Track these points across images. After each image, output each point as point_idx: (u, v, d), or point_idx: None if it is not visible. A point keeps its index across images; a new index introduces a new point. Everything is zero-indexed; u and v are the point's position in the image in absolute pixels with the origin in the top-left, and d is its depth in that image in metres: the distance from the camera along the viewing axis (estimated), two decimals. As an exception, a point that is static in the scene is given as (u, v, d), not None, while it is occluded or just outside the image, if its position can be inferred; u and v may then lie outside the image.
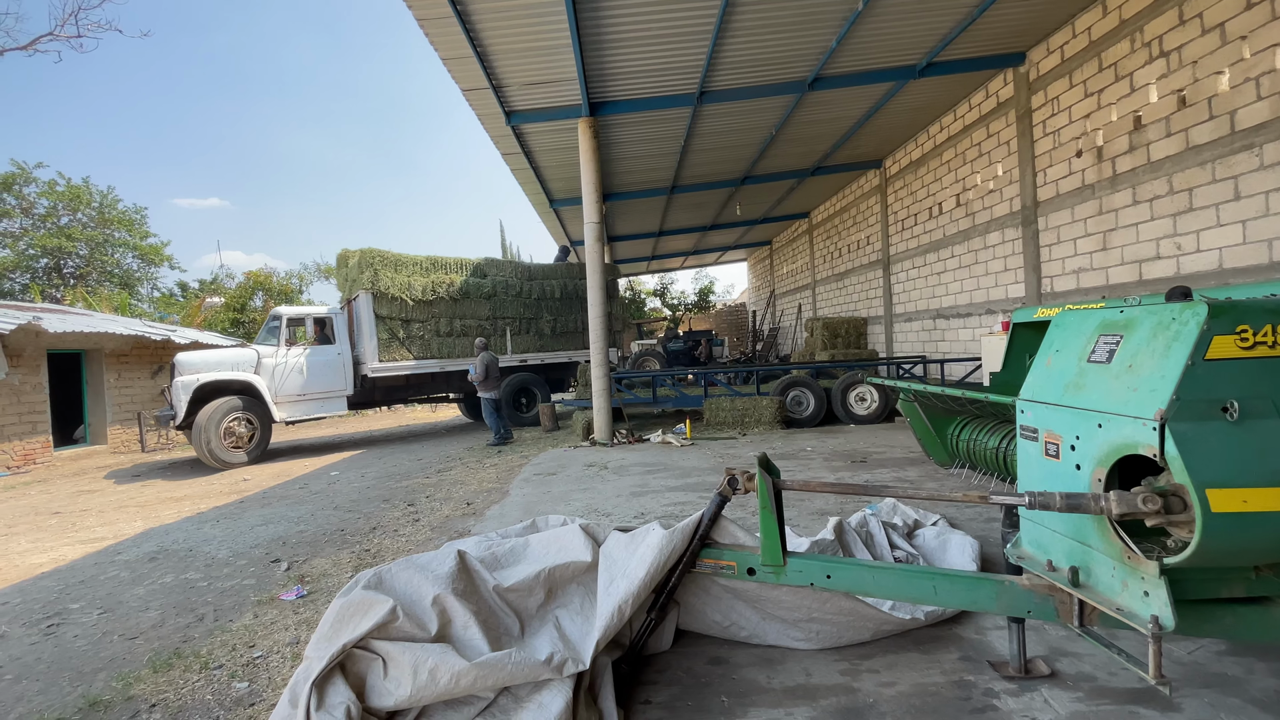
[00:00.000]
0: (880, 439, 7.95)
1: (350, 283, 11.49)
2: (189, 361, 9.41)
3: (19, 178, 22.62)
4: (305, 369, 10.15)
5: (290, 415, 10.06)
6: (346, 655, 1.77)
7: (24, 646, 3.35)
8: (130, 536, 5.59)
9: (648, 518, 4.78)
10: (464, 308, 11.84)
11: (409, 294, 11.01)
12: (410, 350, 11.12)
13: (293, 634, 3.26)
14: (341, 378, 10.59)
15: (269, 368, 9.85)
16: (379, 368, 10.81)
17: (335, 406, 10.63)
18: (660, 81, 8.24)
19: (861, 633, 2.55)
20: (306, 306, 10.84)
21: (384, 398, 11.79)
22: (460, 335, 11.74)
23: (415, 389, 12.05)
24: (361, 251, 10.94)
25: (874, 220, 13.39)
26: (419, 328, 11.28)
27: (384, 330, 10.85)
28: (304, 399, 10.18)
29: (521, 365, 12.51)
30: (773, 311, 21.61)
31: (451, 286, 11.61)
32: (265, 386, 9.68)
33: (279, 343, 10.06)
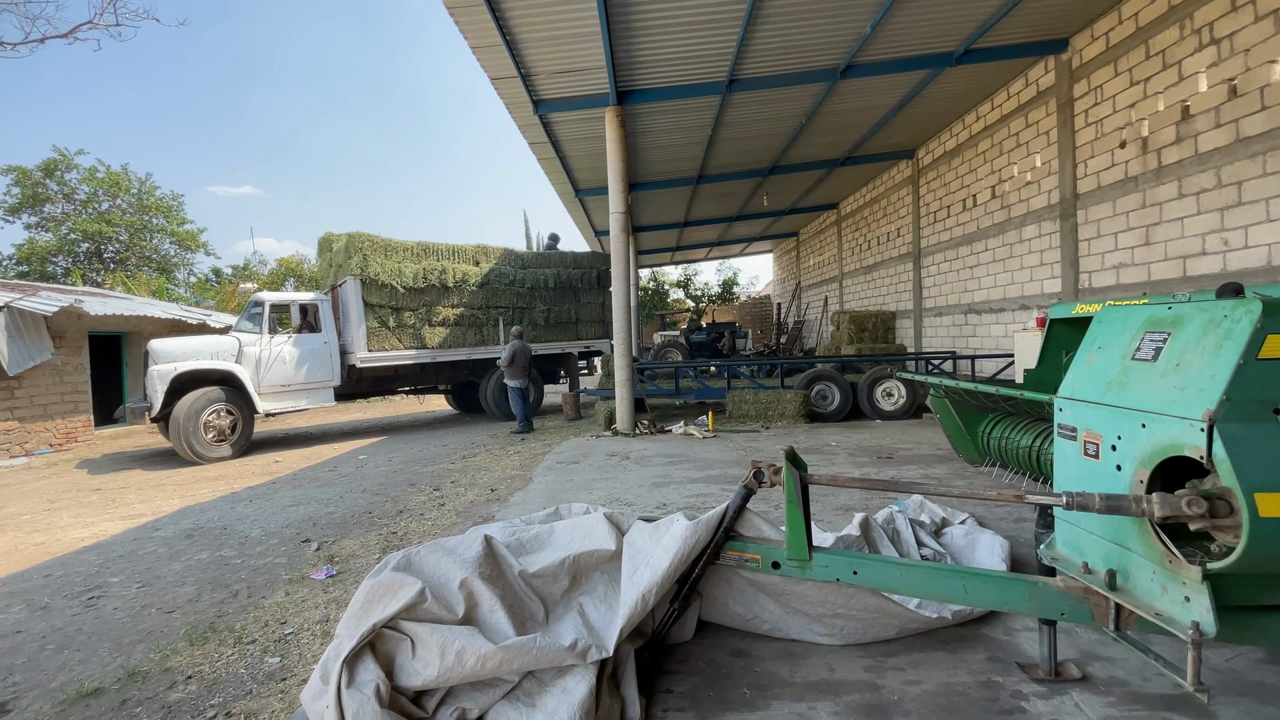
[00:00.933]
0: (907, 435, 7.84)
1: (335, 268, 10.99)
2: (164, 349, 8.76)
3: (61, 164, 23.38)
4: (290, 358, 9.53)
5: (274, 407, 9.45)
6: (376, 635, 1.80)
7: (65, 618, 3.48)
8: (168, 514, 5.78)
9: (670, 508, 4.78)
10: (456, 296, 11.33)
11: (399, 281, 10.48)
12: (401, 340, 10.62)
13: (322, 612, 3.34)
14: (328, 368, 9.99)
15: (251, 356, 9.20)
16: (368, 358, 10.30)
17: (322, 398, 10.01)
18: (689, 69, 8.15)
19: (887, 630, 2.52)
20: (291, 292, 10.49)
21: (371, 389, 11.28)
22: (454, 325, 11.32)
23: (403, 380, 11.59)
24: (349, 235, 10.40)
25: (905, 212, 13.12)
26: (410, 316, 10.77)
27: (373, 318, 10.34)
28: (289, 390, 9.57)
29: None
30: (798, 304, 21.38)
31: (443, 274, 11.09)
32: (248, 376, 9.05)
33: (261, 330, 9.40)
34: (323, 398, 10.02)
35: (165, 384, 8.37)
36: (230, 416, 8.83)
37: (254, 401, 9.04)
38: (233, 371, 8.94)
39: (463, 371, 12.01)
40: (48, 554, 4.73)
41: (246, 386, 8.96)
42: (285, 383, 9.48)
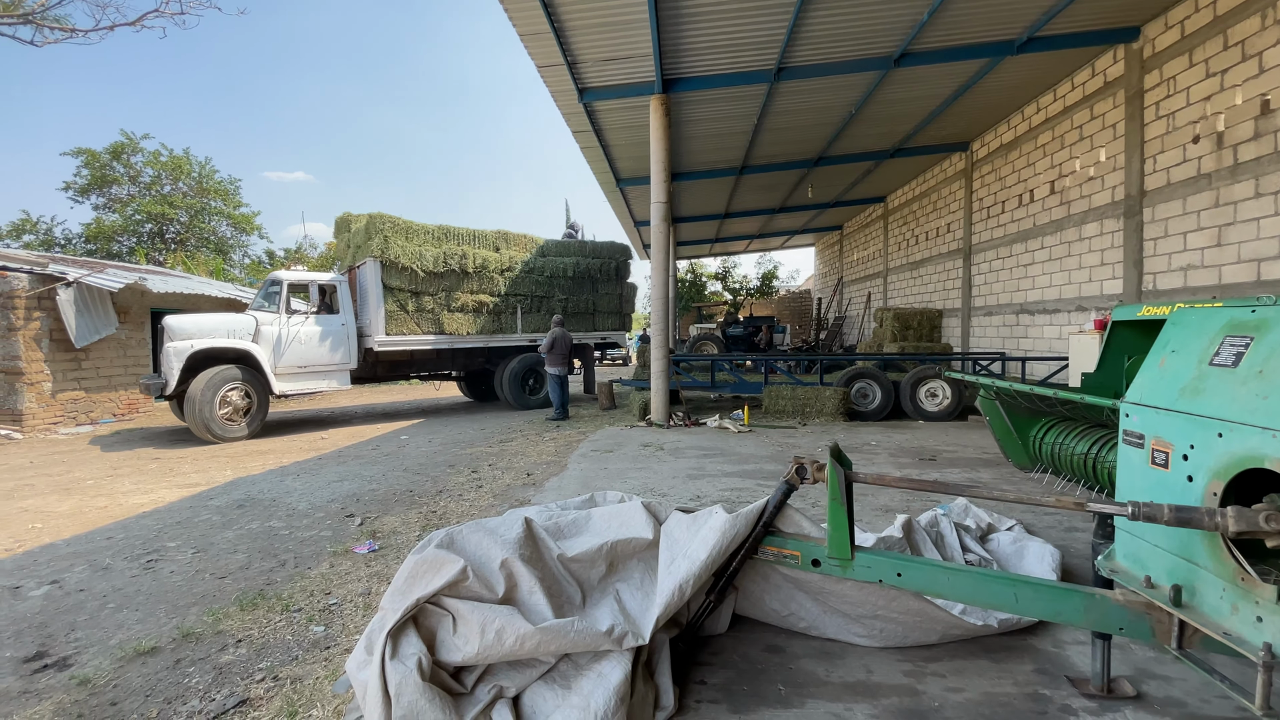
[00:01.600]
0: (951, 437, 7.62)
1: (354, 249, 10.86)
2: (180, 325, 8.59)
3: (127, 148, 24.51)
4: (307, 339, 9.38)
5: (289, 388, 9.30)
6: (419, 609, 1.84)
7: (125, 579, 3.67)
8: (221, 484, 6.04)
9: (704, 501, 4.76)
10: (475, 282, 11.15)
11: (419, 264, 10.30)
12: (419, 325, 10.45)
13: (364, 585, 3.44)
14: (345, 350, 9.83)
15: (268, 336, 9.07)
16: (386, 341, 10.14)
17: (338, 380, 9.84)
18: (737, 57, 8.02)
19: (928, 635, 2.46)
20: (311, 272, 10.14)
21: (386, 373, 11.12)
22: (472, 311, 11.15)
23: (419, 365, 11.44)
24: (370, 216, 10.26)
25: (956, 206, 12.69)
26: (429, 301, 10.60)
27: (392, 301, 10.15)
28: (305, 371, 9.43)
29: (531, 345, 11.89)
30: (839, 299, 20.96)
31: (463, 259, 10.90)
32: (264, 356, 8.94)
33: (279, 310, 9.28)
34: (338, 380, 9.87)
35: (181, 361, 8.29)
36: (246, 396, 8.75)
37: (270, 382, 8.92)
38: (249, 350, 8.81)
39: (478, 359, 11.93)
40: (110, 518, 4.99)
41: (263, 366, 8.86)
42: (302, 364, 9.37)
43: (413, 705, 1.66)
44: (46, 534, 4.56)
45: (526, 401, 11.65)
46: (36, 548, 4.25)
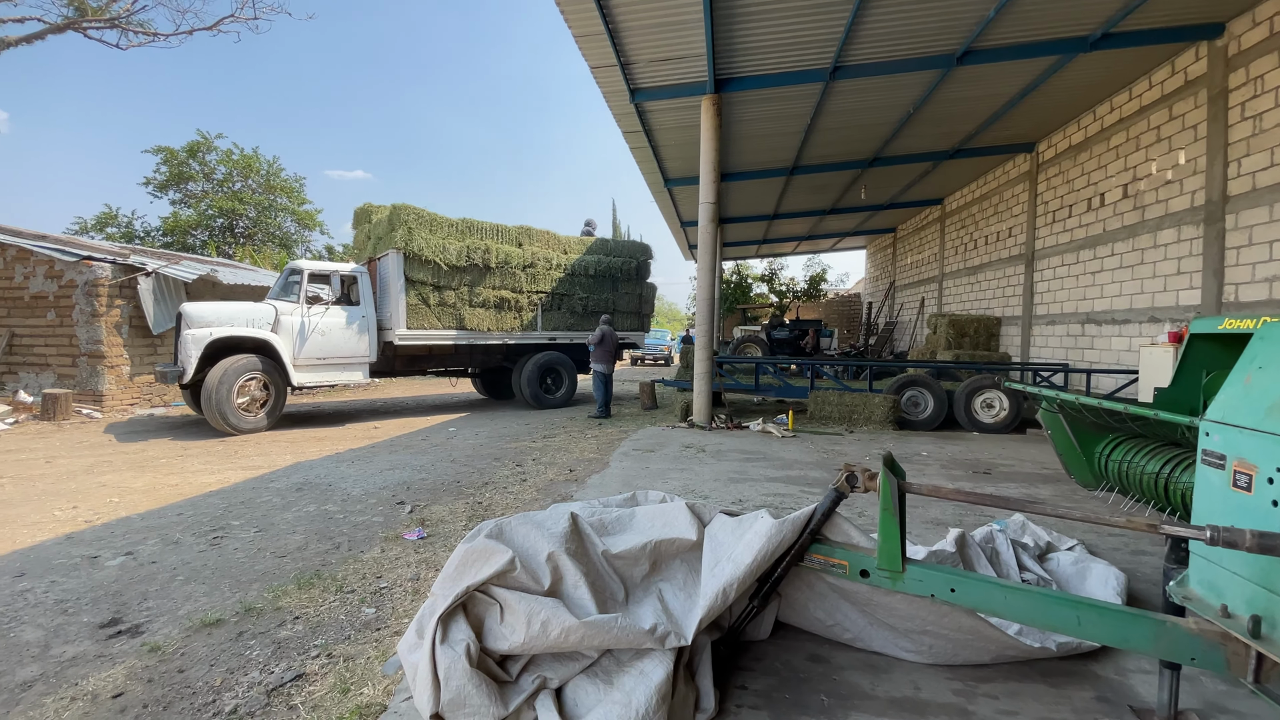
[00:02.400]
0: (1008, 450, 7.32)
1: (375, 240, 10.70)
2: (199, 313, 8.42)
3: (202, 146, 25.93)
4: (327, 330, 9.19)
5: (308, 380, 9.12)
6: (468, 597, 1.89)
7: (194, 553, 3.89)
8: (281, 468, 6.33)
9: (746, 505, 4.72)
10: (498, 277, 10.89)
11: (443, 257, 10.07)
12: (440, 319, 10.23)
13: (413, 571, 3.55)
14: (365, 343, 9.61)
15: (288, 326, 8.89)
16: (407, 335, 9.90)
17: (356, 374, 9.63)
18: (791, 56, 7.90)
19: (980, 654, 2.37)
20: (332, 262, 9.97)
21: (404, 368, 10.88)
22: (495, 307, 10.94)
23: (437, 360, 11.21)
24: (393, 206, 10.04)
25: (1019, 210, 12.18)
26: (451, 295, 10.35)
27: (414, 295, 9.93)
28: (324, 364, 9.22)
29: (550, 344, 11.78)
30: (891, 304, 20.41)
31: (487, 253, 10.65)
32: (284, 347, 8.76)
33: (298, 300, 9.07)
34: (357, 374, 9.66)
35: (200, 349, 8.13)
36: (264, 387, 8.60)
37: (288, 373, 8.77)
38: (268, 340, 8.65)
39: (496, 355, 11.76)
40: (180, 495, 5.29)
41: (282, 356, 8.70)
42: (321, 355, 9.16)
43: (460, 689, 1.71)
44: (123, 508, 4.87)
45: (545, 400, 11.49)
46: (114, 520, 4.55)
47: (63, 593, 3.27)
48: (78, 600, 3.19)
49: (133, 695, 2.36)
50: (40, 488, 5.49)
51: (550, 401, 11.54)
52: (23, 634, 2.83)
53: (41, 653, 2.67)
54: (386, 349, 10.04)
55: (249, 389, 8.44)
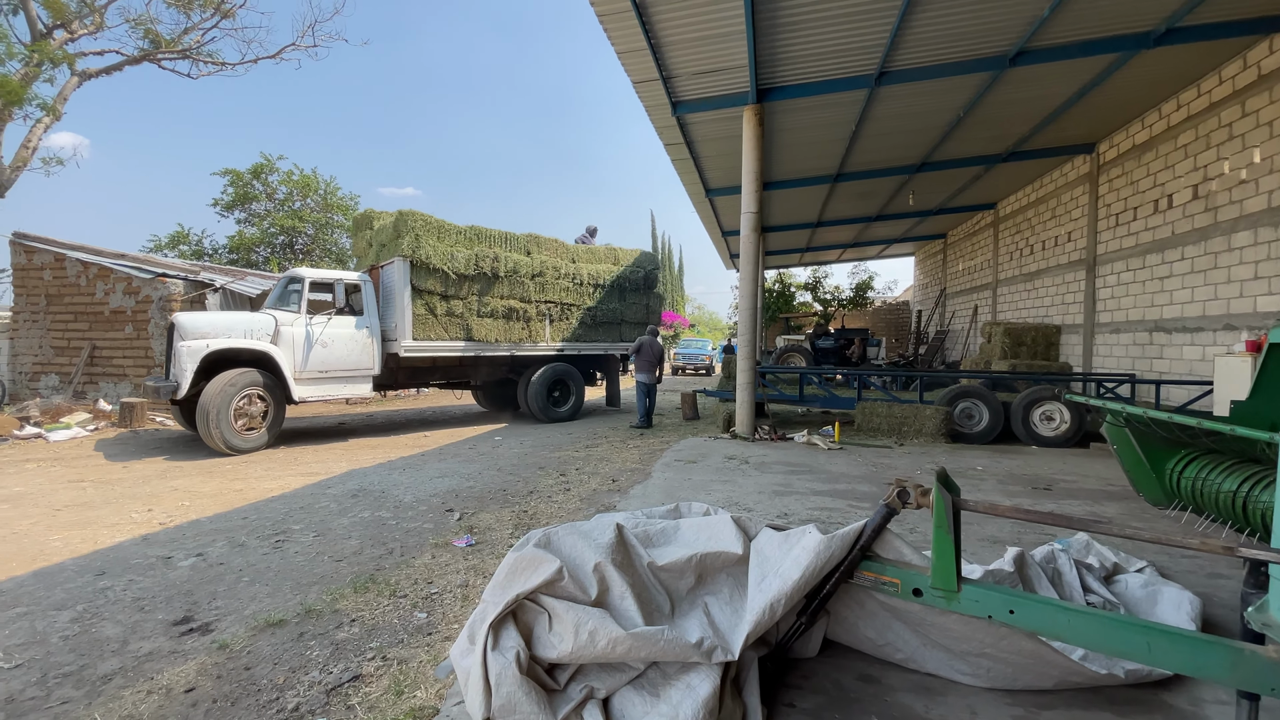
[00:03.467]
0: (1069, 466, 6.98)
1: (378, 248, 10.30)
2: (193, 324, 7.87)
3: (265, 168, 27.35)
4: (330, 342, 8.67)
5: (309, 393, 8.59)
6: (518, 605, 1.93)
7: (258, 556, 4.07)
8: (337, 475, 6.58)
9: (792, 519, 4.64)
10: (505, 286, 10.48)
11: (451, 266, 9.63)
12: (447, 330, 9.77)
13: (462, 577, 3.63)
14: (369, 355, 9.11)
15: (288, 337, 8.34)
16: (413, 347, 9.40)
17: (359, 387, 9.12)
18: (835, 64, 7.83)
19: (1042, 679, 2.26)
20: (334, 270, 9.54)
21: (407, 380, 10.35)
22: (503, 317, 10.50)
23: (442, 373, 10.67)
24: (399, 213, 9.64)
25: (1079, 213, 11.68)
26: (458, 305, 9.91)
27: (421, 304, 9.46)
28: (326, 377, 8.68)
29: (559, 355, 11.41)
30: (941, 312, 19.81)
31: (495, 261, 10.23)
32: (284, 359, 8.22)
33: (299, 309, 8.55)
34: (360, 387, 9.15)
35: (195, 362, 7.60)
36: (263, 402, 8.05)
37: (289, 387, 8.24)
38: (269, 353, 8.12)
39: (502, 367, 11.25)
40: (245, 500, 5.56)
41: (283, 370, 8.18)
42: (324, 368, 8.65)
43: (511, 696, 1.74)
44: (193, 511, 5.15)
45: (552, 414, 11.10)
46: (185, 523, 4.81)
47: (140, 591, 3.48)
48: (153, 598, 3.38)
49: (203, 690, 2.48)
50: (118, 491, 5.86)
51: (557, 415, 11.17)
52: (104, 629, 3.02)
53: (120, 647, 2.84)
54: (389, 361, 9.58)
55: (248, 405, 7.91)
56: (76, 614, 3.17)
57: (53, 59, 11.86)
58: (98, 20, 13.27)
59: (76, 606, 3.26)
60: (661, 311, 13.37)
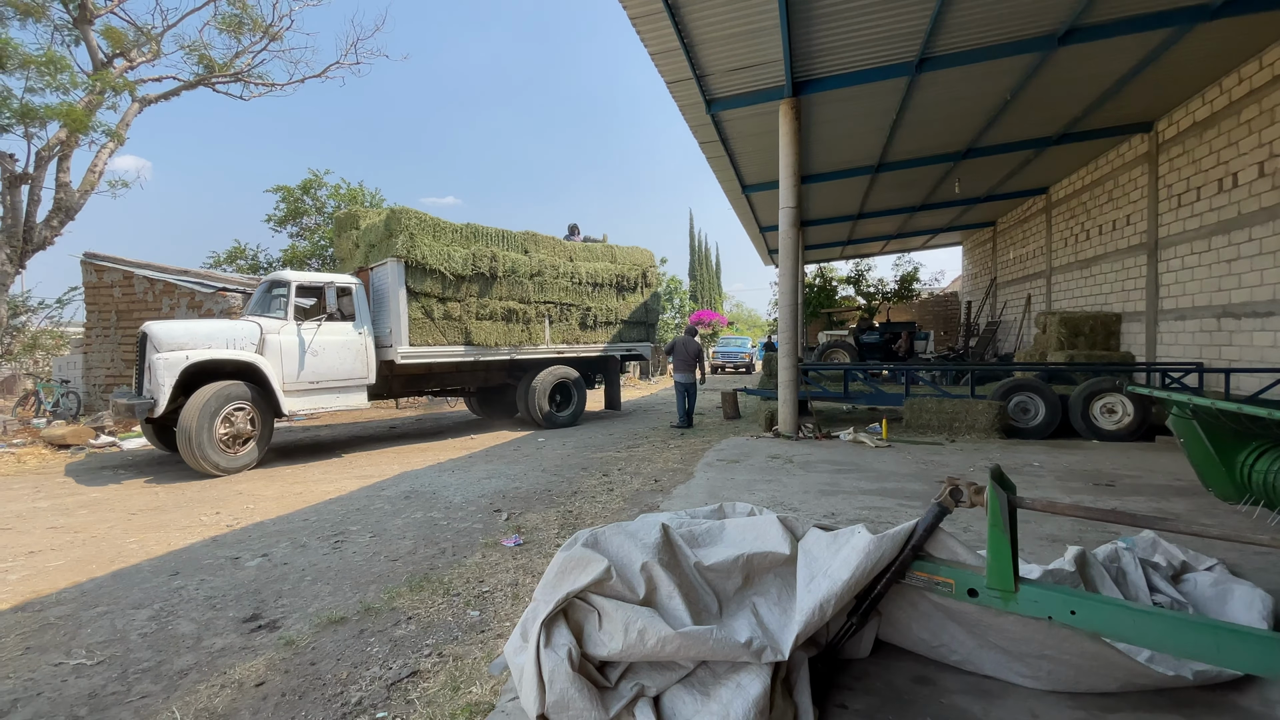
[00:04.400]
0: (1133, 460, 6.67)
1: (366, 249, 9.79)
2: (168, 333, 7.22)
3: (314, 183, 28.48)
4: (321, 350, 8.05)
5: (300, 406, 7.95)
6: (568, 604, 1.97)
7: (318, 556, 4.25)
8: (390, 477, 6.80)
9: (840, 519, 4.58)
10: (504, 287, 9.97)
11: (448, 266, 9.08)
12: (445, 334, 9.24)
13: (512, 576, 3.72)
14: (364, 363, 8.49)
15: (275, 346, 7.70)
16: (410, 353, 8.83)
17: (354, 398, 8.48)
18: (873, 53, 7.67)
19: (1106, 681, 2.18)
20: (323, 273, 9.06)
21: (402, 389, 9.82)
22: (502, 319, 9.97)
23: (437, 380, 10.18)
24: (391, 211, 9.13)
25: (1138, 195, 11.12)
26: (456, 307, 9.37)
27: (417, 308, 8.88)
28: (317, 388, 8.06)
29: (558, 357, 10.97)
30: (992, 302, 19.14)
31: (494, 261, 9.72)
32: (272, 370, 7.58)
33: (285, 316, 7.92)
34: (355, 398, 8.51)
35: (174, 376, 6.92)
36: (249, 417, 7.41)
37: (278, 400, 7.60)
38: (254, 363, 7.46)
39: (500, 372, 10.87)
40: (305, 502, 5.81)
41: (271, 382, 7.55)
42: (315, 379, 8.02)
43: (564, 692, 1.79)
44: (257, 514, 5.41)
45: (554, 419, 10.66)
46: (250, 525, 5.06)
47: (211, 590, 3.68)
48: (223, 597, 3.58)
49: (272, 685, 2.62)
50: (188, 495, 6.21)
51: (559, 420, 10.74)
52: (179, 626, 3.21)
53: (195, 644, 3.02)
54: (383, 369, 8.99)
55: (234, 421, 7.26)
56: (153, 612, 3.38)
57: (114, 87, 12.60)
58: (154, 48, 14.04)
59: (153, 605, 3.47)
60: (659, 310, 12.86)
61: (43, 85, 11.63)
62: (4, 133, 11.52)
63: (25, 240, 11.76)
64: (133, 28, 13.86)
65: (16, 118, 11.26)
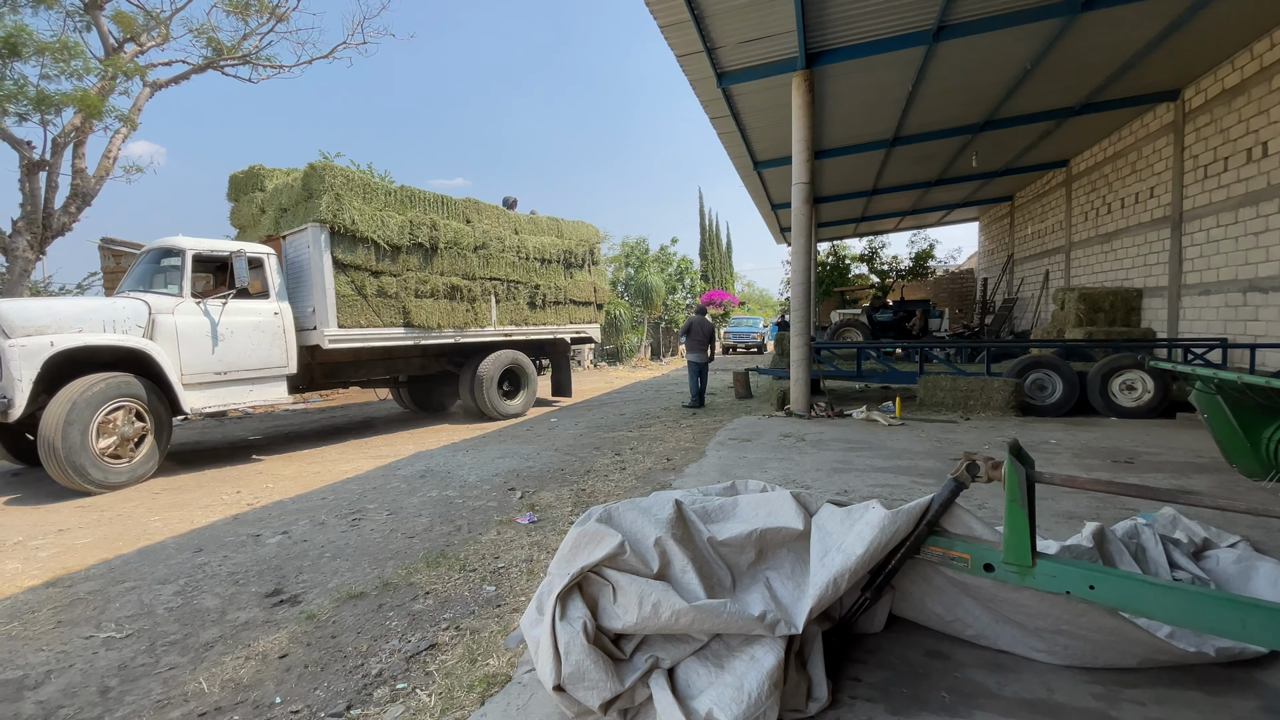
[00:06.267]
0: (1153, 437, 6.58)
1: (276, 214, 8.19)
2: (21, 315, 5.66)
3: (324, 167, 28.48)
4: (229, 334, 6.68)
5: (205, 402, 6.51)
6: (583, 578, 1.99)
7: (337, 533, 4.32)
8: (405, 457, 6.88)
9: (853, 495, 4.57)
10: (445, 260, 8.75)
11: (382, 234, 7.82)
12: (379, 314, 7.91)
13: (526, 553, 3.76)
14: (282, 348, 7.12)
15: (169, 329, 6.26)
16: (339, 336, 7.47)
17: (270, 391, 7.11)
18: (888, 21, 7.47)
19: (1125, 657, 2.17)
20: (226, 241, 7.51)
21: (325, 379, 8.27)
22: (445, 297, 8.74)
23: (366, 368, 8.68)
24: (311, 167, 7.54)
25: (1162, 166, 10.81)
26: (392, 283, 8.07)
27: (346, 283, 7.56)
28: (225, 379, 6.67)
29: (506, 340, 9.82)
30: (1009, 279, 18.84)
31: (434, 230, 8.51)
32: (166, 358, 6.14)
33: (181, 292, 6.48)
34: (273, 390, 7.13)
35: (34, 368, 5.41)
36: (138, 419, 5.98)
37: (176, 395, 6.19)
38: (143, 350, 6.00)
39: (442, 358, 9.64)
40: (322, 481, 5.90)
41: (165, 373, 6.10)
42: (224, 368, 6.64)
43: (579, 664, 1.81)
44: (276, 492, 5.50)
45: (503, 408, 9.57)
46: (270, 503, 5.15)
47: (234, 566, 3.76)
48: (246, 573, 3.65)
49: (295, 657, 2.68)
50: (209, 474, 6.32)
51: (509, 410, 9.66)
52: (204, 601, 3.28)
53: (220, 617, 3.09)
54: (305, 355, 7.57)
55: (116, 424, 5.78)
56: (179, 588, 3.46)
57: (126, 72, 12.58)
58: (164, 32, 13.98)
59: (178, 581, 3.56)
60: (605, 289, 11.92)
61: (56, 72, 11.65)
62: (22, 120, 11.58)
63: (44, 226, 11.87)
64: (142, 12, 13.80)
65: (33, 105, 11.30)
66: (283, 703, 2.36)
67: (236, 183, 9.26)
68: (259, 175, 8.91)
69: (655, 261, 29.58)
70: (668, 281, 28.95)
